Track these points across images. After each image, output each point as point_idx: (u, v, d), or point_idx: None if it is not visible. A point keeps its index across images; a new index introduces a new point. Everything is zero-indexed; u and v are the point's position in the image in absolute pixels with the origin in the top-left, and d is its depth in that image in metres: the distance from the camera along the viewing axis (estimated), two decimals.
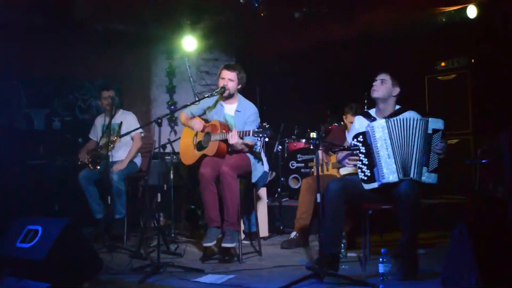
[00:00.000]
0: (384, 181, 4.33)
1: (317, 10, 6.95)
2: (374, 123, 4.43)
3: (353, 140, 4.50)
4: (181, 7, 7.32)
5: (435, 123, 4.37)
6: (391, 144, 4.34)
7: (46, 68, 7.57)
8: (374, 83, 4.61)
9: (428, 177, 4.31)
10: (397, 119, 4.38)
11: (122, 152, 6.46)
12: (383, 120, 4.40)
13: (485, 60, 7.12)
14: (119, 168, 6.25)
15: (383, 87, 4.58)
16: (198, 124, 5.37)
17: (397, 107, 4.63)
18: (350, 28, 7.34)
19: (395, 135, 4.35)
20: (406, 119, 4.37)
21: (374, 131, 4.38)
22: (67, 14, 6.93)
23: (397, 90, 4.58)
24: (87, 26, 7.37)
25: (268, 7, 6.66)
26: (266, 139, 4.79)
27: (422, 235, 5.68)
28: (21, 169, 6.81)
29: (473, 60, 7.18)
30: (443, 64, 7.41)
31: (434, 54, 7.55)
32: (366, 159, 4.43)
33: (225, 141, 5.08)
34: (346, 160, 4.58)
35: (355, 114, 5.73)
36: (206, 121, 5.45)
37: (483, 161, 5.95)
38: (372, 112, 4.67)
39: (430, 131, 4.35)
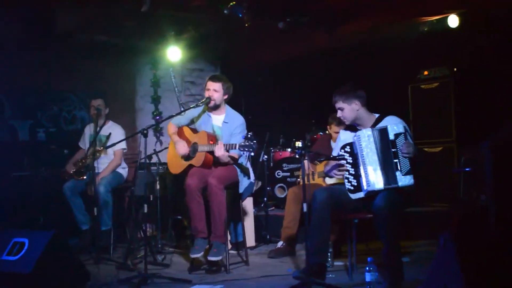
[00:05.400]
0: (370, 189, 4.37)
1: (300, 21, 6.99)
2: (359, 133, 4.47)
3: (340, 150, 4.54)
4: (165, 18, 7.32)
5: (393, 128, 4.40)
6: (376, 153, 4.39)
7: (30, 79, 7.52)
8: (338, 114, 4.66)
9: (404, 181, 4.32)
10: (380, 129, 4.43)
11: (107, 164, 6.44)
12: (369, 129, 4.46)
13: (467, 69, 7.21)
14: (102, 175, 6.22)
15: (345, 113, 4.61)
16: (182, 149, 5.36)
17: (377, 115, 4.66)
18: (334, 38, 7.39)
19: (378, 144, 4.40)
20: (381, 129, 4.41)
21: (360, 140, 4.44)
22: (50, 26, 6.89)
23: (357, 103, 4.56)
24: (70, 38, 7.33)
25: (252, 17, 6.68)
26: (252, 154, 4.80)
27: (407, 243, 5.75)
28: (6, 181, 6.75)
29: (455, 69, 7.26)
30: (426, 73, 7.48)
31: (417, 63, 7.62)
32: (352, 169, 4.47)
33: (212, 152, 5.09)
34: (334, 171, 4.60)
35: (339, 124, 5.77)
36: (195, 130, 5.47)
37: (467, 169, 6.02)
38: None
39: (392, 138, 4.38)
